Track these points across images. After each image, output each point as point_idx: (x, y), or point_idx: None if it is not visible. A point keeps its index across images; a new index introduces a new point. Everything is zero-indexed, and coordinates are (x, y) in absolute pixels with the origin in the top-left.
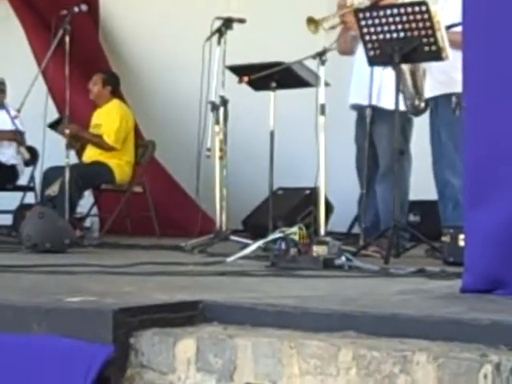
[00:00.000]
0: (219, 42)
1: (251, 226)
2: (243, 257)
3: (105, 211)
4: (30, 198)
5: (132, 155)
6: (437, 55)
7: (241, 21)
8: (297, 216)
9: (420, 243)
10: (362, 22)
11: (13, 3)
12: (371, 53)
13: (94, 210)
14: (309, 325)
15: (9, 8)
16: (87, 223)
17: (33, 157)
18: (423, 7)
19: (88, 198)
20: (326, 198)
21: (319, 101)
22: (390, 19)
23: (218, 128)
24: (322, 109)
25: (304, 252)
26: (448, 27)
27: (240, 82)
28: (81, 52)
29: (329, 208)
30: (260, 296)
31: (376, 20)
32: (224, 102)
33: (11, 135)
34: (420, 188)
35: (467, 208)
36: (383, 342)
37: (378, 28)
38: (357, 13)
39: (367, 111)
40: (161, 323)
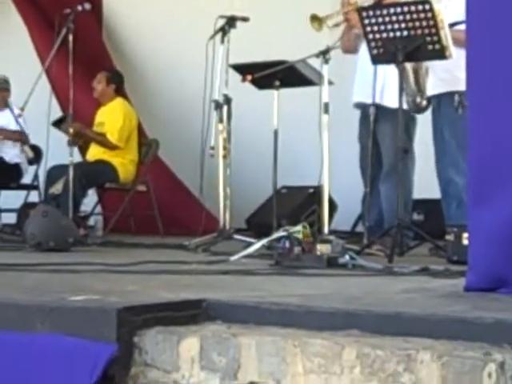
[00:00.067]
0: (223, 41)
1: (255, 225)
2: (247, 255)
3: (109, 210)
4: (34, 197)
5: (136, 154)
6: (440, 54)
7: (244, 19)
8: (300, 215)
9: (424, 242)
10: (366, 21)
11: (16, 2)
12: (375, 51)
13: (98, 209)
14: (313, 323)
15: (12, 7)
16: (91, 222)
17: (36, 155)
18: (427, 6)
19: (92, 197)
20: (330, 197)
21: (323, 99)
22: (394, 18)
23: (222, 126)
24: (326, 107)
25: (308, 250)
26: (451, 25)
27: (243, 81)
28: (84, 51)
29: (332, 206)
30: (264, 295)
31: (379, 18)
32: (227, 101)
33: (15, 136)
34: (424, 187)
35: (471, 206)
36: (387, 341)
37: (382, 26)
38: (360, 11)
39: (371, 110)
40: (164, 322)
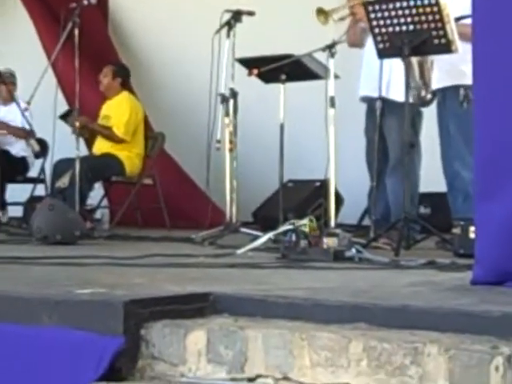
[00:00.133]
0: (228, 35)
1: (261, 218)
2: (253, 249)
3: (115, 203)
4: (41, 190)
5: (142, 147)
6: (446, 48)
7: (250, 13)
8: (307, 208)
9: (430, 235)
10: (372, 15)
11: None
12: (381, 45)
13: (105, 202)
14: (320, 316)
15: (17, 1)
16: (97, 215)
17: (43, 149)
18: (433, 0)
19: (98, 190)
20: (336, 190)
21: (329, 93)
22: (400, 12)
23: (228, 120)
24: (332, 101)
25: (314, 244)
26: (457, 19)
27: (250, 75)
28: (90, 45)
29: (339, 200)
30: (270, 288)
31: (385, 12)
32: (234, 95)
33: (20, 132)
34: (430, 180)
35: (477, 200)
36: (394, 334)
37: (388, 20)
38: (366, 5)
39: (377, 103)
40: (171, 315)
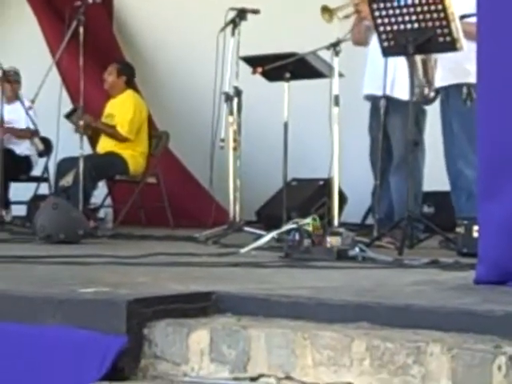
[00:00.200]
0: (233, 33)
1: (265, 217)
2: (257, 248)
3: (119, 202)
4: (44, 189)
5: (146, 146)
6: (451, 46)
7: (255, 11)
8: (310, 207)
9: (434, 234)
10: (376, 13)
11: None
12: (385, 43)
13: (108, 201)
14: (322, 316)
15: None
16: (101, 214)
17: (47, 148)
18: None
19: (102, 189)
20: (340, 189)
21: (333, 92)
22: (404, 10)
23: (232, 119)
24: (336, 100)
25: (318, 243)
26: (462, 17)
27: (254, 73)
28: (95, 43)
29: (342, 199)
30: (273, 287)
31: (390, 10)
32: (238, 93)
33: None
34: (434, 179)
35: (481, 199)
36: (397, 333)
37: (392, 18)
38: (371, 3)
39: (381, 102)
40: (174, 314)
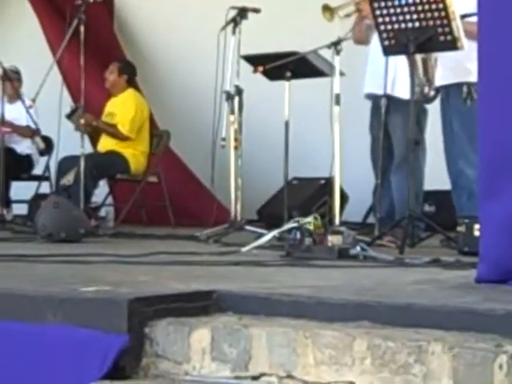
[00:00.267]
0: (234, 32)
1: (266, 216)
2: (258, 247)
3: (120, 201)
4: (45, 188)
5: (147, 145)
6: (452, 45)
7: (255, 10)
8: (312, 206)
9: (435, 233)
10: (377, 12)
11: None
12: (386, 42)
13: (109, 200)
14: (324, 315)
15: None
16: (102, 213)
17: (48, 146)
18: None
19: (103, 188)
20: (341, 188)
21: (334, 90)
22: (405, 9)
23: (233, 118)
24: (337, 99)
25: (319, 242)
26: (463, 16)
27: (255, 72)
28: (96, 42)
29: (344, 198)
30: (275, 286)
31: (391, 9)
32: (239, 92)
33: (24, 131)
34: (435, 178)
35: (482, 198)
36: (398, 332)
37: (393, 17)
38: (372, 2)
39: (382, 101)
40: (176, 313)
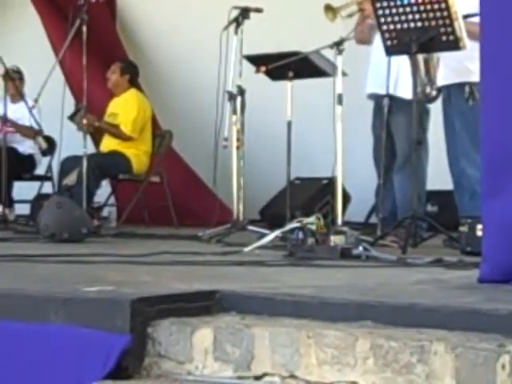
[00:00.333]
0: (236, 32)
1: (268, 216)
2: (260, 247)
3: (122, 201)
4: (48, 188)
5: (149, 145)
6: (454, 45)
7: (258, 10)
8: (314, 206)
9: (438, 233)
10: (380, 11)
11: None
12: (388, 42)
13: (112, 200)
14: (326, 315)
15: None
16: (105, 213)
17: (50, 146)
18: None
19: (105, 188)
20: (344, 188)
21: (336, 90)
22: (408, 8)
23: (235, 118)
24: (339, 98)
25: (321, 242)
26: (465, 17)
27: (257, 72)
28: (98, 42)
29: (346, 198)
30: (277, 286)
31: (393, 9)
32: (241, 92)
33: (27, 131)
34: (438, 178)
35: (485, 198)
36: (400, 332)
37: (396, 17)
38: (374, 2)
39: (384, 101)
40: (178, 313)
